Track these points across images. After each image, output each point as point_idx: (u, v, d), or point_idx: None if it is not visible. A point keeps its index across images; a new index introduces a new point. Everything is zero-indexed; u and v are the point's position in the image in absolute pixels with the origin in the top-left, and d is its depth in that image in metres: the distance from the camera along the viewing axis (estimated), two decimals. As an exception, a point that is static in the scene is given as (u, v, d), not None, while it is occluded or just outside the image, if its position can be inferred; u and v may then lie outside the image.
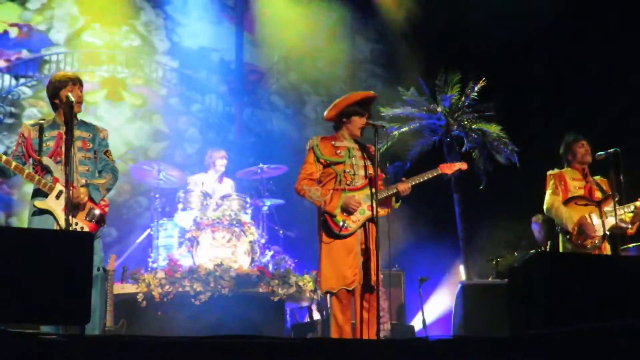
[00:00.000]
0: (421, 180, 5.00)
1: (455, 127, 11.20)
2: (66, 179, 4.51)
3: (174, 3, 10.76)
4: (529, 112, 10.11)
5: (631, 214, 5.81)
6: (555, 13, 9.41)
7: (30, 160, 4.96)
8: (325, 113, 5.07)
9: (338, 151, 4.92)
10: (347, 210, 4.74)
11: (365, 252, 4.79)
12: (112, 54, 10.34)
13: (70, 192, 4.49)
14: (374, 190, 4.80)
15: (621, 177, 5.68)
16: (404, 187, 4.89)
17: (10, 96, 9.72)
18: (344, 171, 4.87)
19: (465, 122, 11.18)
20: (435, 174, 5.07)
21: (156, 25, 10.73)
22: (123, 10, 10.32)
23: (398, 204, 4.99)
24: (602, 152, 5.86)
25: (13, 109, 9.71)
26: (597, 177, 6.08)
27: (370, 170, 4.89)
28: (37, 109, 9.69)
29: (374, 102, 5.09)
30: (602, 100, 9.32)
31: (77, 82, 5.02)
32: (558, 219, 5.91)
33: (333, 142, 4.97)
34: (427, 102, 11.28)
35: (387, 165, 10.19)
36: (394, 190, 4.89)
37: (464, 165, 5.17)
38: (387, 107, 10.91)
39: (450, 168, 5.12)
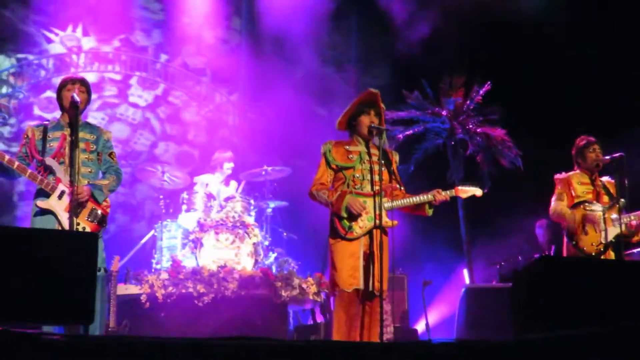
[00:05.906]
0: (447, 198, 5.00)
1: (460, 130, 11.19)
2: (71, 180, 4.51)
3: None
4: (533, 115, 10.09)
5: (635, 222, 5.76)
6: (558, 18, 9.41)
7: (34, 161, 4.97)
8: (337, 123, 5.10)
9: (350, 155, 4.94)
10: (352, 213, 4.74)
11: (369, 258, 4.78)
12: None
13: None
14: (385, 199, 4.81)
15: (626, 182, 5.67)
16: (441, 198, 4.91)
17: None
18: (353, 176, 4.89)
19: (470, 126, 11.17)
20: (452, 195, 5.05)
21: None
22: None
23: (431, 211, 5.02)
24: (607, 157, 5.85)
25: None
26: (605, 179, 6.05)
27: (384, 177, 4.89)
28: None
29: (378, 99, 5.05)
30: (606, 104, 9.29)
31: (76, 82, 5.02)
32: (562, 220, 5.89)
33: (347, 147, 4.99)
34: (432, 105, 11.27)
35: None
36: (431, 198, 4.91)
37: (478, 191, 5.14)
38: (391, 110, 10.88)
39: (465, 192, 5.11)
